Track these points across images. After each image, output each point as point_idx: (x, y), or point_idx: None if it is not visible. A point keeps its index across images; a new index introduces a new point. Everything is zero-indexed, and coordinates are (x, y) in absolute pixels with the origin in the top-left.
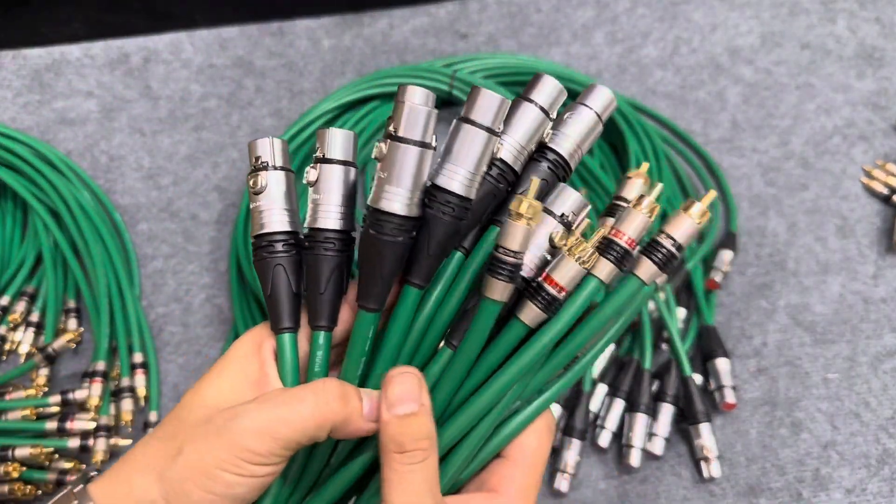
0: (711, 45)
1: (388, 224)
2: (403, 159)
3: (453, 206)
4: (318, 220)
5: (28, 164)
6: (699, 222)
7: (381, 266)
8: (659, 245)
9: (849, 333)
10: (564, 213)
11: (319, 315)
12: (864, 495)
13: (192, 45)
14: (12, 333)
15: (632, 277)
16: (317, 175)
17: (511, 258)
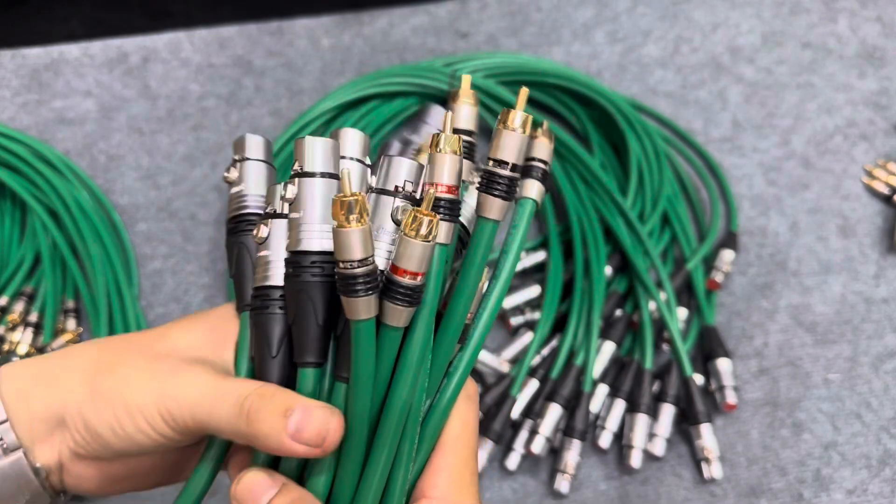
0: (712, 44)
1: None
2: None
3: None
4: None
5: (26, 164)
6: (524, 132)
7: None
8: (495, 176)
9: (850, 334)
10: (398, 186)
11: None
12: (865, 496)
13: (190, 45)
14: (11, 334)
15: (482, 222)
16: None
17: (357, 268)
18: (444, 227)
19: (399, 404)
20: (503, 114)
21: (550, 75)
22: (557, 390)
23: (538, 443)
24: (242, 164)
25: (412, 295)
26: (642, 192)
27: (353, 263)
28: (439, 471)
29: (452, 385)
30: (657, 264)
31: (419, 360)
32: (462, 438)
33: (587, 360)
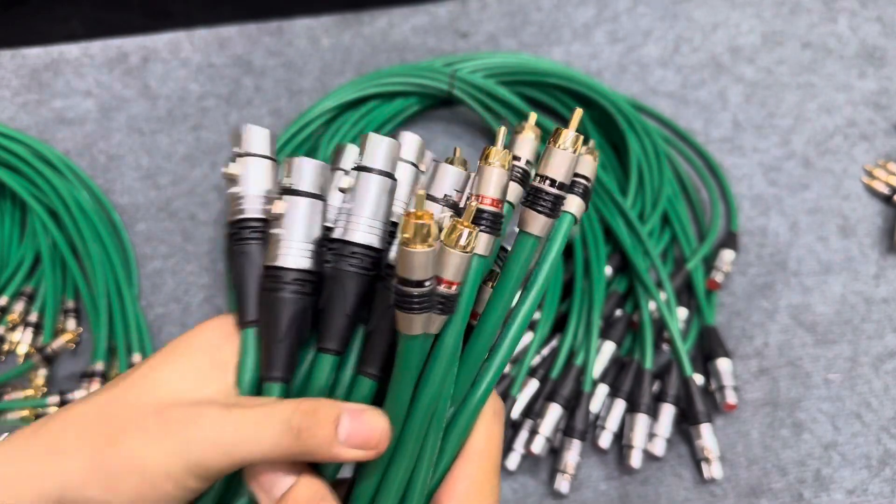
0: (712, 44)
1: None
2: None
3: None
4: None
5: (26, 164)
6: (574, 152)
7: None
8: (541, 192)
9: (850, 334)
10: (447, 195)
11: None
12: (865, 496)
13: (190, 44)
14: (11, 334)
15: (523, 237)
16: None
17: (417, 288)
18: (484, 239)
19: (424, 408)
20: (555, 132)
21: (550, 75)
22: (557, 390)
23: (538, 443)
24: (244, 159)
25: (446, 304)
26: (642, 191)
27: (415, 282)
28: (459, 479)
29: (479, 394)
30: (657, 264)
31: (447, 366)
32: (486, 452)
33: (587, 360)
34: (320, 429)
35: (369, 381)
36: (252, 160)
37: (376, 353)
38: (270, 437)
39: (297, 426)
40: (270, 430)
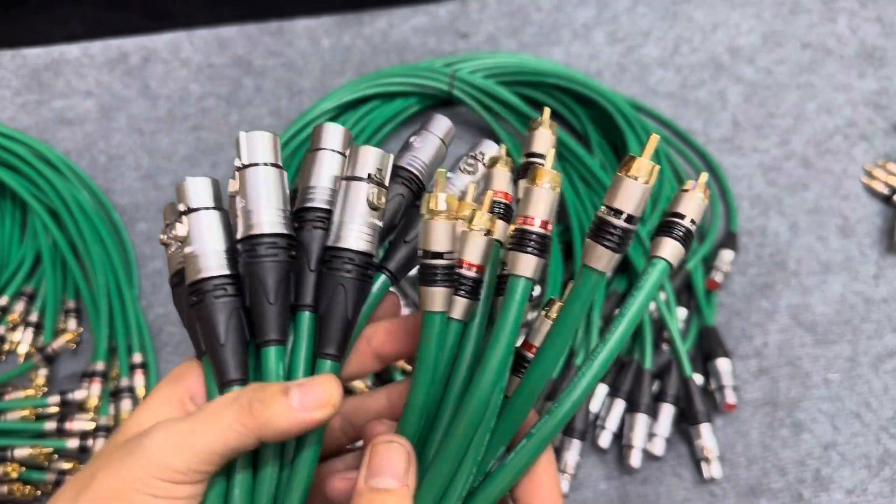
0: (712, 44)
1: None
2: (357, 194)
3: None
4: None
5: (27, 164)
6: (647, 183)
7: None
8: (606, 224)
9: (850, 334)
10: (371, 174)
11: (269, 330)
12: (864, 496)
13: (191, 45)
14: (11, 333)
15: (587, 271)
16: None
17: (439, 260)
18: (524, 260)
19: (477, 400)
20: (626, 159)
21: (550, 75)
22: (557, 390)
23: None
24: (192, 215)
25: (470, 286)
26: None
27: (434, 254)
28: (544, 483)
29: (533, 442)
30: None
31: (502, 361)
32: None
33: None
34: (271, 399)
35: (330, 361)
36: (201, 213)
37: (332, 335)
38: (224, 420)
39: (247, 402)
40: (223, 414)
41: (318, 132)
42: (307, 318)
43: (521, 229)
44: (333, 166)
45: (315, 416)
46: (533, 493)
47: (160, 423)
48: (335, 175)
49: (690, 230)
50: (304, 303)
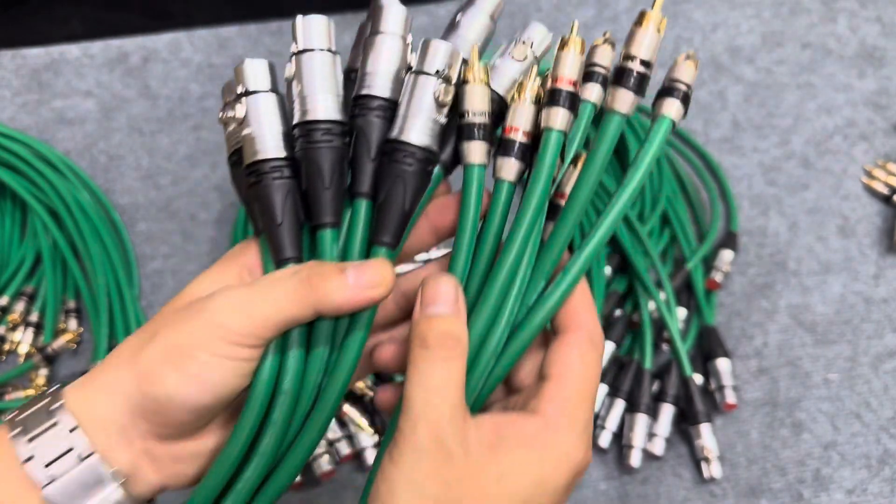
0: (712, 44)
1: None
2: (424, 89)
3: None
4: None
5: (27, 164)
6: (659, 32)
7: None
8: (626, 70)
9: (850, 334)
10: (439, 70)
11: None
12: (864, 496)
13: (191, 45)
14: (11, 333)
15: (610, 115)
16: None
17: (477, 119)
18: (561, 114)
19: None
20: (639, 15)
21: None
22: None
23: None
24: (249, 98)
25: (527, 154)
26: (642, 192)
27: (474, 113)
28: (550, 400)
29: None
30: (657, 264)
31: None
32: (579, 376)
33: None
34: (329, 274)
35: (384, 248)
36: (259, 96)
37: (389, 224)
38: (283, 290)
39: (306, 275)
40: (283, 285)
41: (378, 12)
42: (364, 205)
43: (552, 88)
44: (394, 53)
45: (368, 294)
46: (570, 319)
47: (224, 289)
48: (397, 63)
49: (688, 93)
50: (362, 191)
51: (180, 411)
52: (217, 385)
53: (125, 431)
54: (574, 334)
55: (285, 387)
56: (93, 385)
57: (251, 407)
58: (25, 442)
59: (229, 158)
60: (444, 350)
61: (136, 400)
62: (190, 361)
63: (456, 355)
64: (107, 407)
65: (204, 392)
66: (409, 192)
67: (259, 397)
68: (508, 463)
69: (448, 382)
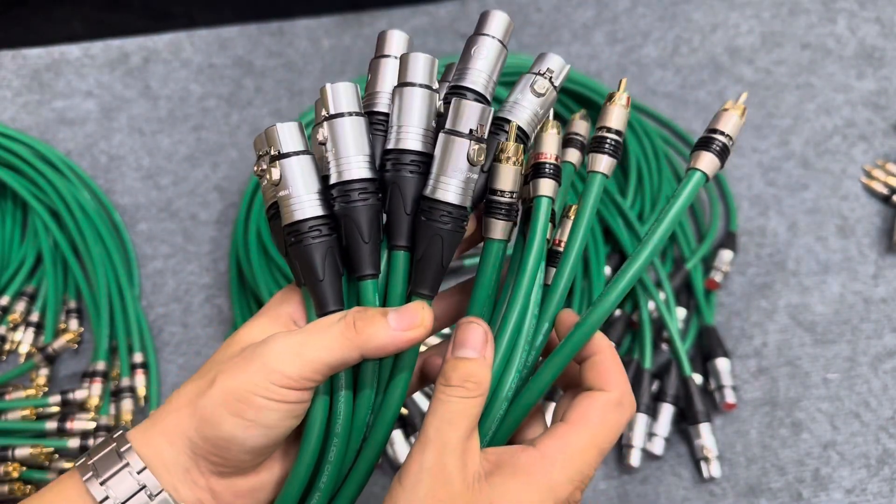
0: (712, 44)
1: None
2: (459, 150)
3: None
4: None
5: (28, 164)
6: (626, 107)
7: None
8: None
9: (849, 333)
10: (472, 129)
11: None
12: (864, 495)
13: (191, 45)
14: (12, 333)
15: (592, 175)
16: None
17: (507, 198)
18: (547, 184)
19: (524, 286)
20: (608, 96)
21: None
22: (557, 390)
23: None
24: (284, 161)
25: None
26: (641, 192)
27: (505, 193)
28: (568, 435)
29: (577, 335)
30: (656, 264)
31: (539, 253)
32: (601, 425)
33: None
34: (373, 319)
35: (423, 299)
36: (292, 159)
37: (428, 277)
38: (332, 333)
39: (352, 320)
40: (331, 329)
41: (405, 63)
42: (402, 257)
43: (537, 163)
44: (426, 106)
45: (408, 336)
46: (602, 379)
47: (277, 335)
48: (427, 115)
49: (727, 145)
50: (400, 244)
51: (239, 452)
52: (272, 428)
53: (189, 471)
54: (603, 393)
55: (337, 429)
56: (155, 429)
57: (306, 450)
58: (98, 484)
59: (267, 211)
60: (464, 390)
61: (197, 442)
62: (246, 407)
63: (475, 396)
64: (171, 449)
65: (260, 435)
66: (445, 247)
67: (312, 440)
68: (499, 491)
69: (461, 416)
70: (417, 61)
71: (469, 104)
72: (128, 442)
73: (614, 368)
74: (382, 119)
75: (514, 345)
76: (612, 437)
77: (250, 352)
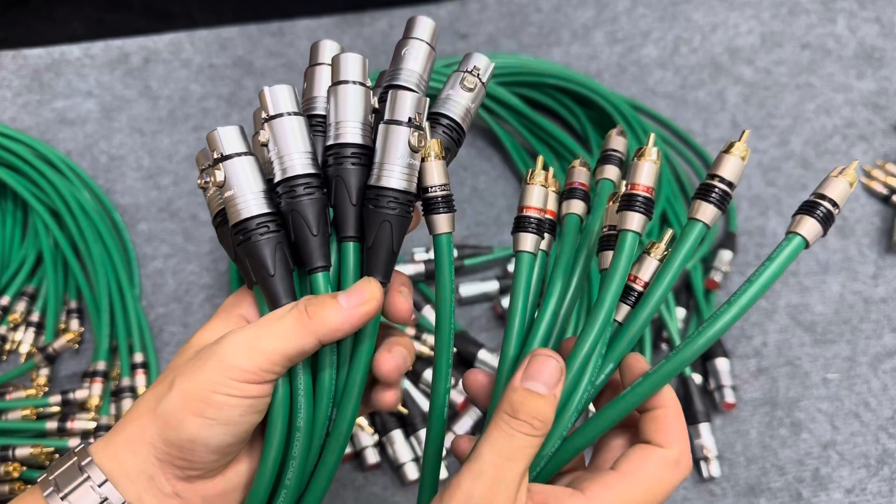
0: (711, 44)
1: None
2: (400, 138)
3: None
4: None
5: (28, 164)
6: (744, 158)
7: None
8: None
9: (849, 333)
10: (411, 118)
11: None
12: (863, 495)
13: (191, 45)
14: (13, 333)
15: (691, 223)
16: (267, 135)
17: (442, 191)
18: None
19: (597, 325)
20: (726, 145)
21: (550, 76)
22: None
23: None
24: (225, 163)
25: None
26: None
27: (435, 187)
28: (615, 483)
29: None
30: None
31: (615, 296)
32: (653, 480)
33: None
34: (324, 302)
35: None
36: (235, 160)
37: (379, 264)
38: (286, 323)
39: (303, 306)
40: (284, 319)
41: (337, 63)
42: (352, 248)
43: (628, 194)
44: (359, 100)
45: (361, 310)
46: (663, 435)
47: (231, 332)
48: (363, 109)
49: (832, 212)
50: (348, 234)
51: (204, 452)
52: (234, 424)
53: (154, 479)
54: (662, 450)
55: (299, 423)
56: (116, 440)
57: (270, 446)
58: (59, 500)
59: (214, 220)
60: (530, 427)
61: (161, 448)
62: (207, 406)
63: (538, 434)
64: (134, 458)
65: (223, 433)
66: (395, 233)
67: (276, 436)
68: None
69: (521, 453)
70: (348, 61)
71: (405, 94)
72: (89, 455)
73: (677, 426)
74: (321, 121)
75: (577, 383)
76: (664, 496)
77: (205, 352)
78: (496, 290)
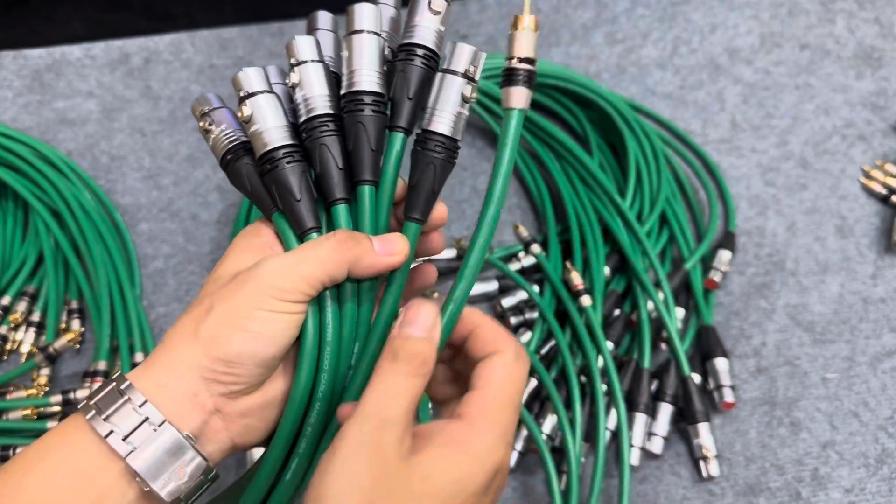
0: (711, 45)
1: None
2: (454, 88)
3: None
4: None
5: (29, 165)
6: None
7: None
8: (515, 70)
9: (848, 333)
10: (467, 70)
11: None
12: (862, 495)
13: (192, 46)
14: (13, 333)
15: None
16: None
17: (526, 65)
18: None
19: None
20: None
21: (549, 76)
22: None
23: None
24: (252, 99)
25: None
26: (641, 192)
27: (524, 60)
28: (482, 400)
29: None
30: (655, 264)
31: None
32: (507, 383)
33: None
34: (360, 241)
35: (415, 224)
36: (260, 97)
37: (419, 203)
38: (324, 251)
39: (342, 239)
40: (322, 247)
41: (351, 13)
42: (367, 191)
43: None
44: (375, 47)
45: (387, 261)
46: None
47: (267, 258)
48: (378, 57)
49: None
50: (366, 178)
51: (251, 364)
52: (277, 336)
53: (197, 395)
54: (499, 354)
55: (328, 338)
56: (153, 368)
57: (304, 356)
58: (102, 421)
59: (222, 161)
60: (410, 366)
61: (207, 366)
62: (250, 321)
63: (420, 374)
64: (178, 380)
65: (267, 344)
66: (438, 175)
67: (308, 347)
68: (433, 463)
69: (406, 393)
70: (363, 10)
71: (464, 46)
72: (127, 380)
73: (498, 331)
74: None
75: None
76: (521, 388)
77: (243, 276)
78: (496, 290)
